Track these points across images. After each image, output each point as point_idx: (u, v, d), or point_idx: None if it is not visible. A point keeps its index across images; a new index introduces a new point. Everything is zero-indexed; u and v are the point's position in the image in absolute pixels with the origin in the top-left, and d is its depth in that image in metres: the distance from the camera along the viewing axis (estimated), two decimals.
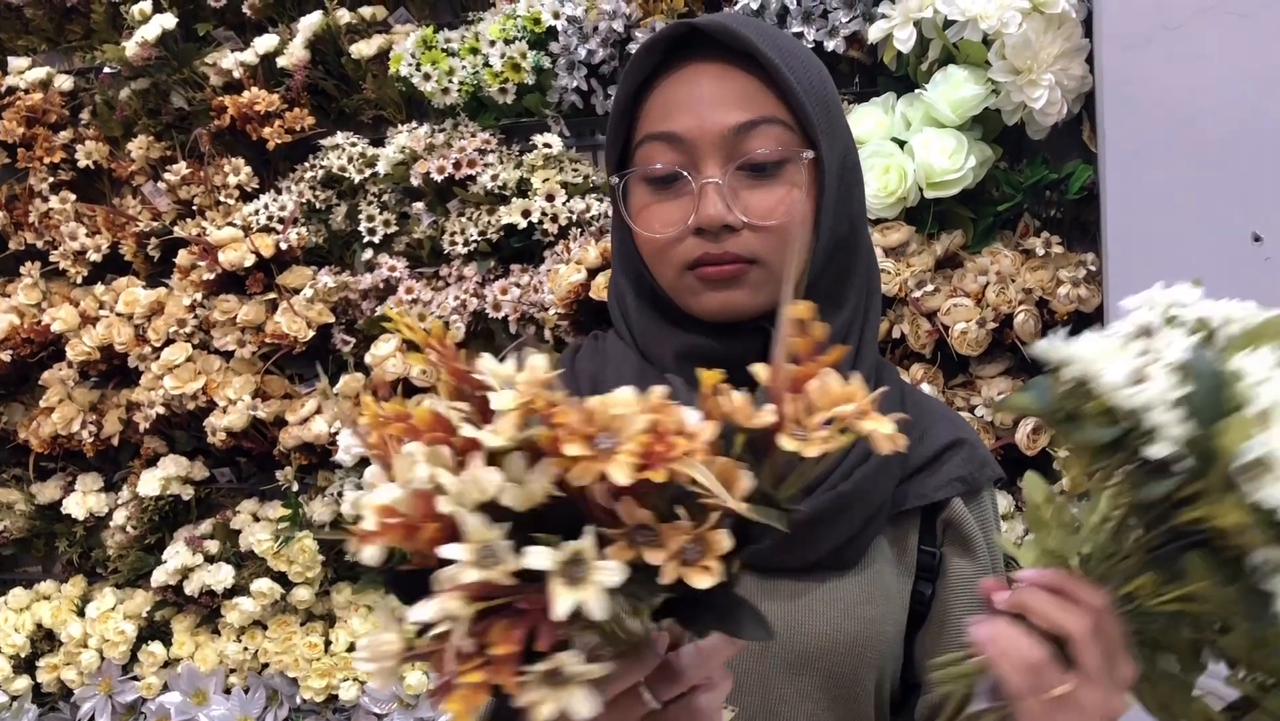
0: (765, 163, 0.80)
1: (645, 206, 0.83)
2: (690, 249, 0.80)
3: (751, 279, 0.80)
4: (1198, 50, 1.41)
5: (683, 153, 0.80)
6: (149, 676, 1.93)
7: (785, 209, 0.80)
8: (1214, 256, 1.42)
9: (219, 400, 1.87)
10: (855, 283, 0.85)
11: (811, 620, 0.80)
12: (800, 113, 0.80)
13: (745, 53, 0.80)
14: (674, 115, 0.81)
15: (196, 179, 1.95)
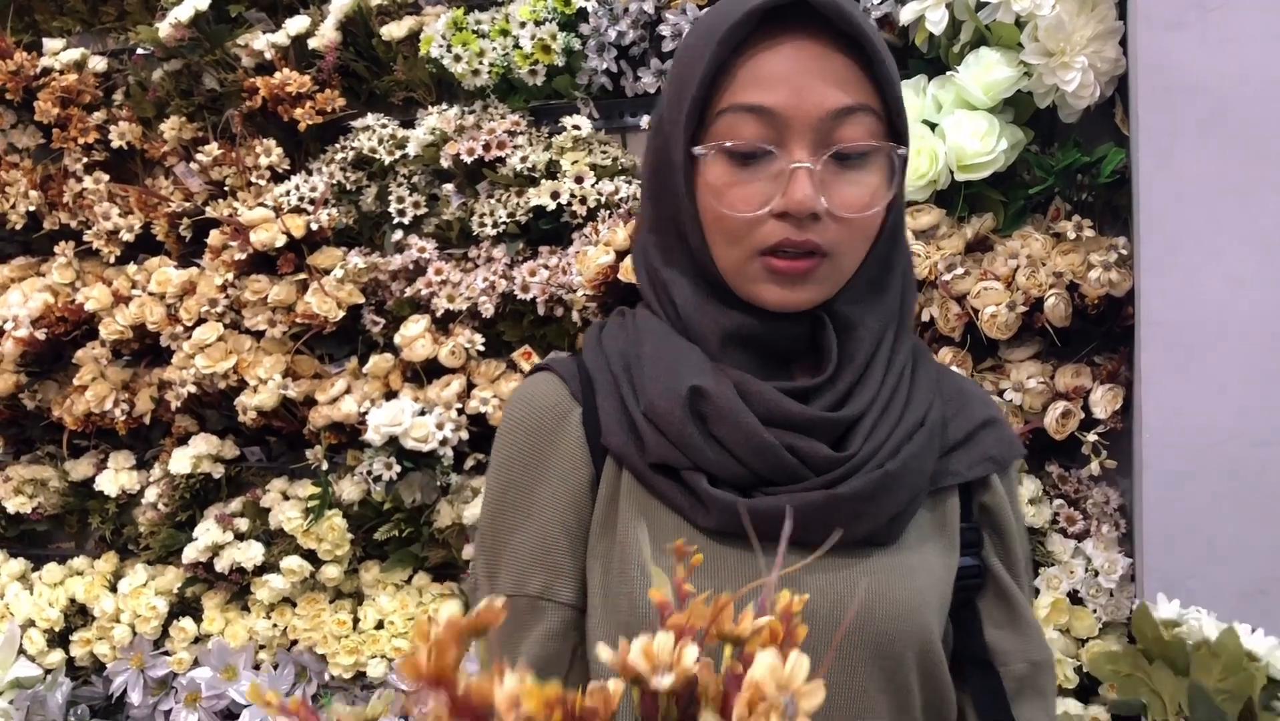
0: (856, 151, 0.78)
1: (723, 181, 0.78)
2: (769, 233, 0.78)
3: (819, 274, 0.79)
4: (1233, 33, 1.40)
5: (773, 128, 0.77)
6: (180, 651, 1.96)
7: (869, 203, 0.79)
8: (1247, 242, 1.41)
9: (250, 379, 1.89)
10: (897, 270, 0.86)
11: (855, 592, 0.80)
12: (894, 105, 0.79)
13: (848, 35, 0.77)
14: (768, 88, 0.76)
15: (228, 160, 1.96)
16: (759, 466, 0.78)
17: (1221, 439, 1.44)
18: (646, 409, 0.80)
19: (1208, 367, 1.44)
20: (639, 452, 0.81)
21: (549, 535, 0.84)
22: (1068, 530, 1.60)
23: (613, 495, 0.83)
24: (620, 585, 0.80)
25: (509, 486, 0.85)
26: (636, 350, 0.84)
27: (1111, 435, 1.56)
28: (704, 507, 0.78)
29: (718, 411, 0.78)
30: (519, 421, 0.86)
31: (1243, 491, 1.43)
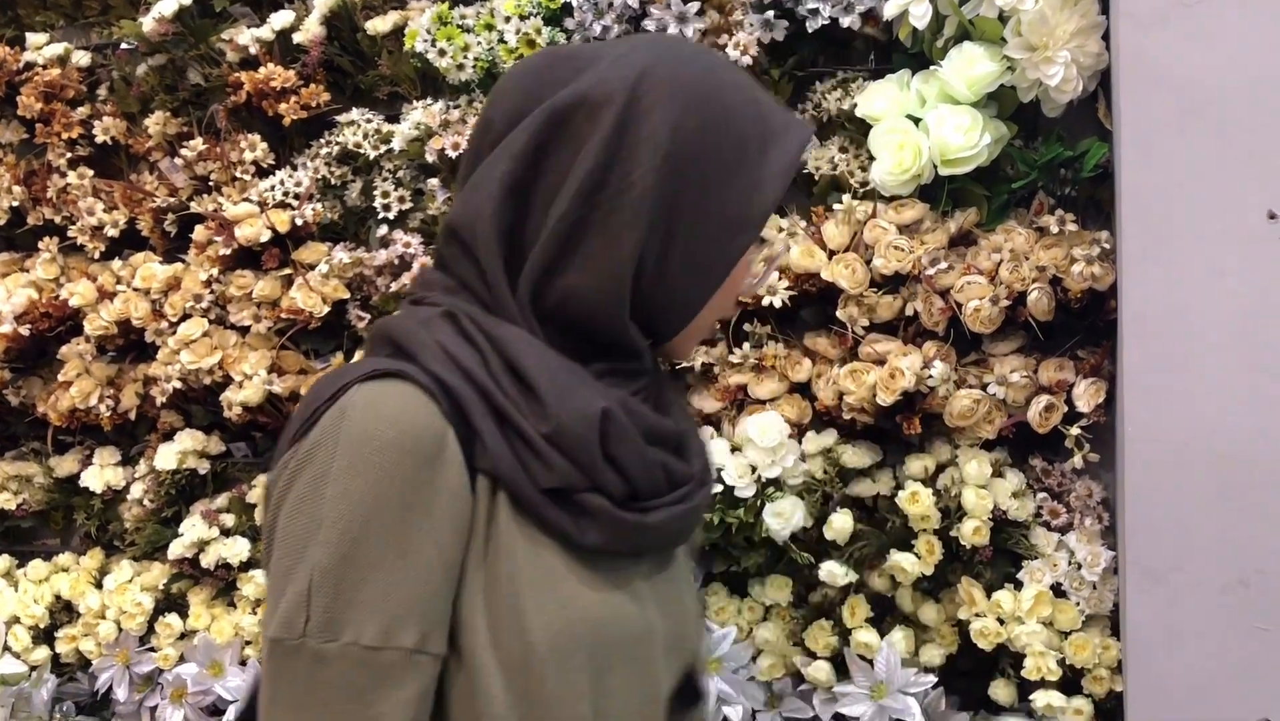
0: None
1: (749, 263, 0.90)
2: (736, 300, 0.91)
3: None
4: (1215, 28, 1.40)
5: None
6: (166, 647, 1.95)
7: None
8: (1229, 235, 1.42)
9: (235, 375, 1.89)
10: None
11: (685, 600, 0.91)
12: None
13: None
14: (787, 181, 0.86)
15: (213, 155, 1.96)
16: (643, 485, 0.81)
17: (1204, 432, 1.45)
18: (553, 432, 0.77)
19: (1190, 361, 1.44)
20: (529, 478, 0.78)
21: (431, 579, 0.75)
22: (1051, 523, 1.61)
23: (487, 523, 0.79)
24: (511, 620, 0.77)
25: (373, 520, 0.73)
26: (505, 364, 0.79)
27: (1094, 429, 1.56)
28: (594, 527, 0.79)
29: (619, 432, 0.80)
30: (391, 444, 0.73)
31: (1225, 484, 1.44)
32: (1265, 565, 1.43)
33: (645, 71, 0.81)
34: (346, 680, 0.72)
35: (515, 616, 0.77)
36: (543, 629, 0.77)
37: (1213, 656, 1.46)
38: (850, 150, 1.66)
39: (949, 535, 1.59)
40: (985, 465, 1.59)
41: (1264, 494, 1.43)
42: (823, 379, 1.65)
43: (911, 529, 1.60)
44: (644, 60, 0.82)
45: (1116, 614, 1.57)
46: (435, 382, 0.77)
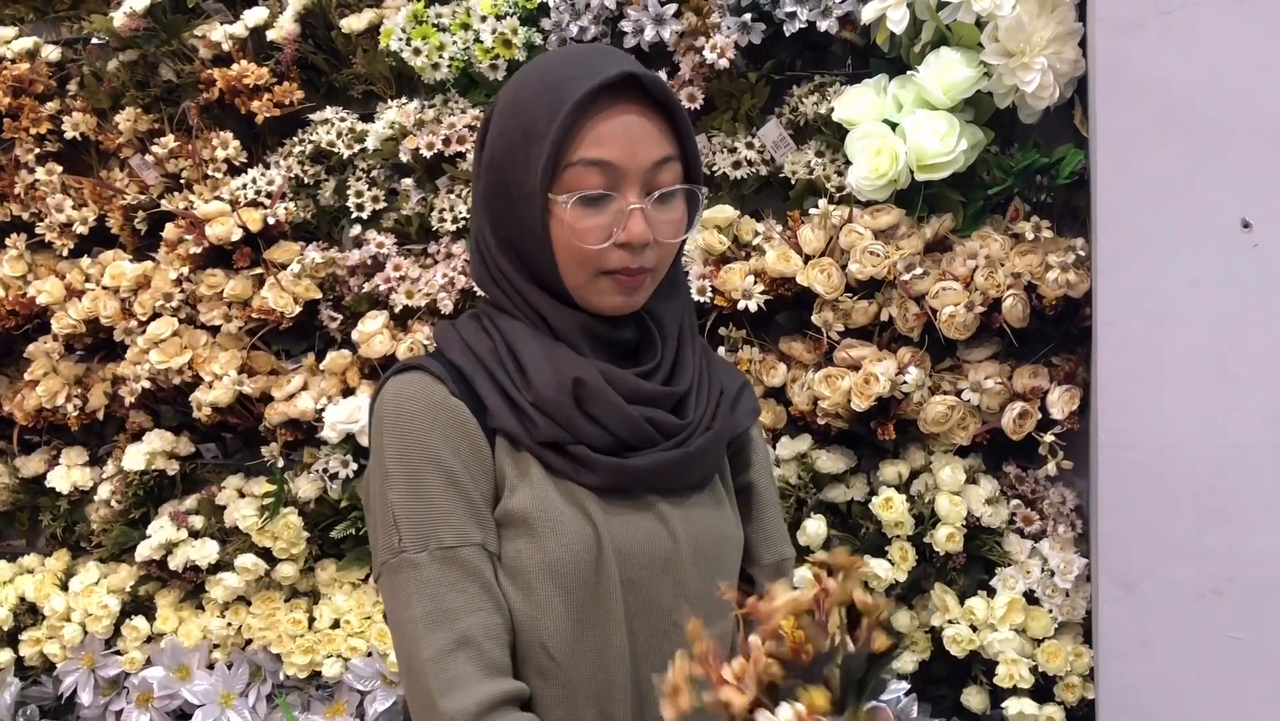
0: (670, 191, 1.01)
1: (577, 220, 0.98)
2: (613, 259, 1.00)
3: (646, 285, 1.03)
4: (1191, 35, 1.40)
5: (611, 177, 0.98)
6: (132, 651, 1.93)
7: (679, 231, 1.03)
8: (1203, 243, 1.42)
9: (205, 375, 1.87)
10: (681, 274, 1.12)
11: (705, 521, 1.06)
12: (692, 154, 1.03)
13: (661, 103, 1.00)
14: (607, 145, 0.97)
15: (184, 152, 1.93)
16: (626, 435, 1.00)
17: (1177, 440, 1.45)
18: (535, 399, 0.99)
19: (1164, 369, 1.44)
20: (527, 433, 1.00)
21: (474, 498, 0.99)
22: (1024, 530, 1.60)
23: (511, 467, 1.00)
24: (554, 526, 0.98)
25: (421, 465, 0.97)
26: (509, 349, 1.02)
27: (1068, 435, 1.56)
28: (590, 471, 1.00)
29: (593, 395, 0.99)
30: (411, 412, 0.99)
31: (1197, 493, 1.44)
32: (1236, 573, 1.43)
33: (492, 105, 1.04)
34: (441, 575, 0.95)
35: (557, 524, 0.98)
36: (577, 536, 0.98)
37: (1184, 664, 1.46)
38: (827, 155, 1.65)
39: (922, 541, 1.58)
40: (959, 471, 1.59)
41: (1236, 502, 1.43)
42: (797, 383, 1.64)
43: (885, 535, 1.59)
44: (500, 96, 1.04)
45: (1089, 621, 1.57)
46: (449, 368, 1.02)
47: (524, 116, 0.99)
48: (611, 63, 0.99)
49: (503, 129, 1.01)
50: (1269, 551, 1.42)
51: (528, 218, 1.00)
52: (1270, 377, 1.41)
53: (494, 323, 1.04)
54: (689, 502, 1.05)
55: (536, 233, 1.00)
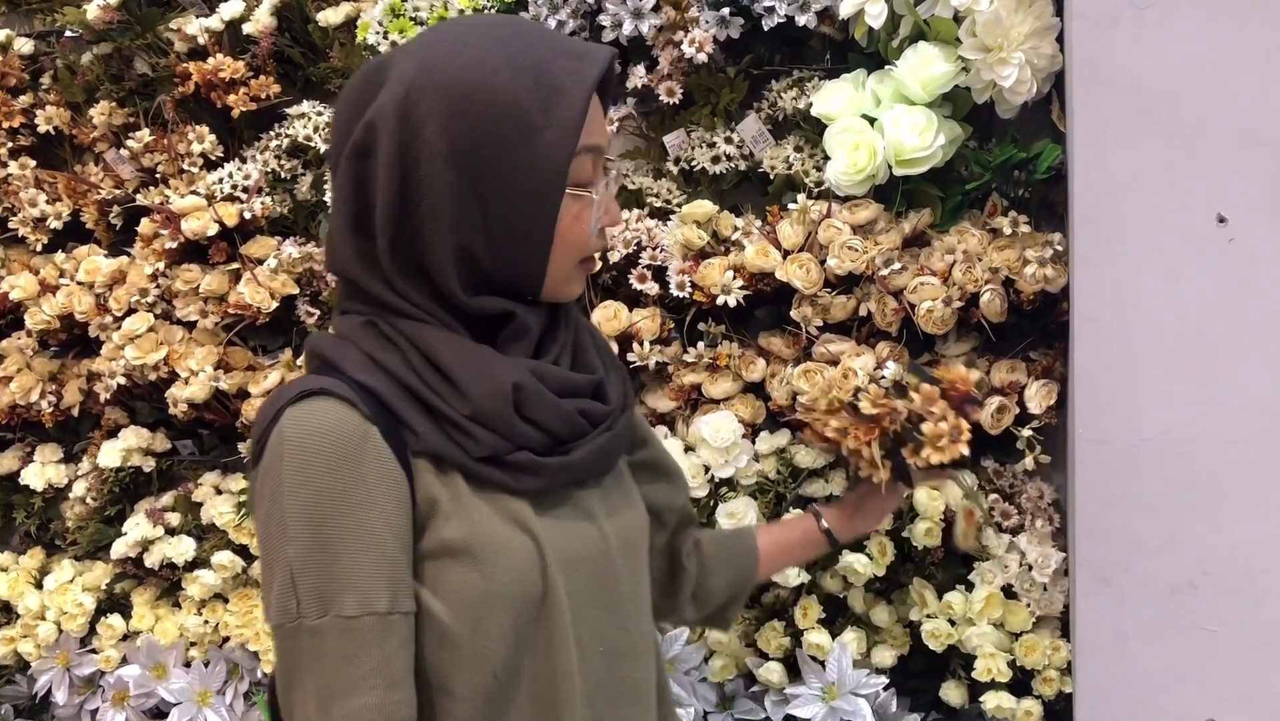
0: None
1: (583, 210, 0.95)
2: (594, 245, 0.98)
3: None
4: (1167, 30, 1.41)
5: (598, 162, 0.96)
6: (108, 649, 1.91)
7: None
8: (1179, 237, 1.42)
9: (181, 371, 1.85)
10: None
11: (623, 512, 1.04)
12: None
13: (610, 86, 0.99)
14: (597, 129, 0.95)
15: (160, 146, 1.92)
16: (563, 432, 0.96)
17: (1154, 434, 1.45)
18: (474, 412, 0.91)
19: (1141, 364, 1.45)
20: (463, 451, 0.92)
21: (387, 551, 0.88)
22: (1002, 525, 1.61)
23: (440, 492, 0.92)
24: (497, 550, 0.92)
25: (327, 514, 0.86)
26: (426, 359, 0.92)
27: (1046, 430, 1.57)
28: (533, 475, 0.94)
29: (530, 398, 0.93)
30: (316, 451, 0.87)
31: (1174, 487, 1.45)
32: (1212, 566, 1.44)
33: (411, 87, 0.90)
34: (338, 646, 0.86)
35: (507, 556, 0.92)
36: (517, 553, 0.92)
37: (1161, 657, 1.47)
38: (805, 150, 1.65)
39: (901, 536, 1.58)
40: None
41: (1211, 496, 1.44)
42: (776, 378, 1.64)
43: None
44: (410, 75, 0.90)
45: (1066, 615, 1.58)
46: (358, 390, 0.90)
47: (506, 106, 0.89)
48: (576, 43, 0.95)
49: (472, 122, 0.89)
50: (1243, 544, 1.43)
51: (529, 217, 0.92)
52: (1245, 372, 1.42)
53: (398, 330, 0.93)
54: (606, 492, 1.03)
55: (538, 232, 0.93)
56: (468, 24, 0.96)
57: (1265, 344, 1.41)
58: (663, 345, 1.68)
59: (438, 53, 0.91)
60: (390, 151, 0.89)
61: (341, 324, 0.97)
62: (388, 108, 0.90)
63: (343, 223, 0.94)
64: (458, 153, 0.89)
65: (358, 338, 0.94)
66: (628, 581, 1.02)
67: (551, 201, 0.92)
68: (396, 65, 0.92)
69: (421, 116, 0.89)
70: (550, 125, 0.90)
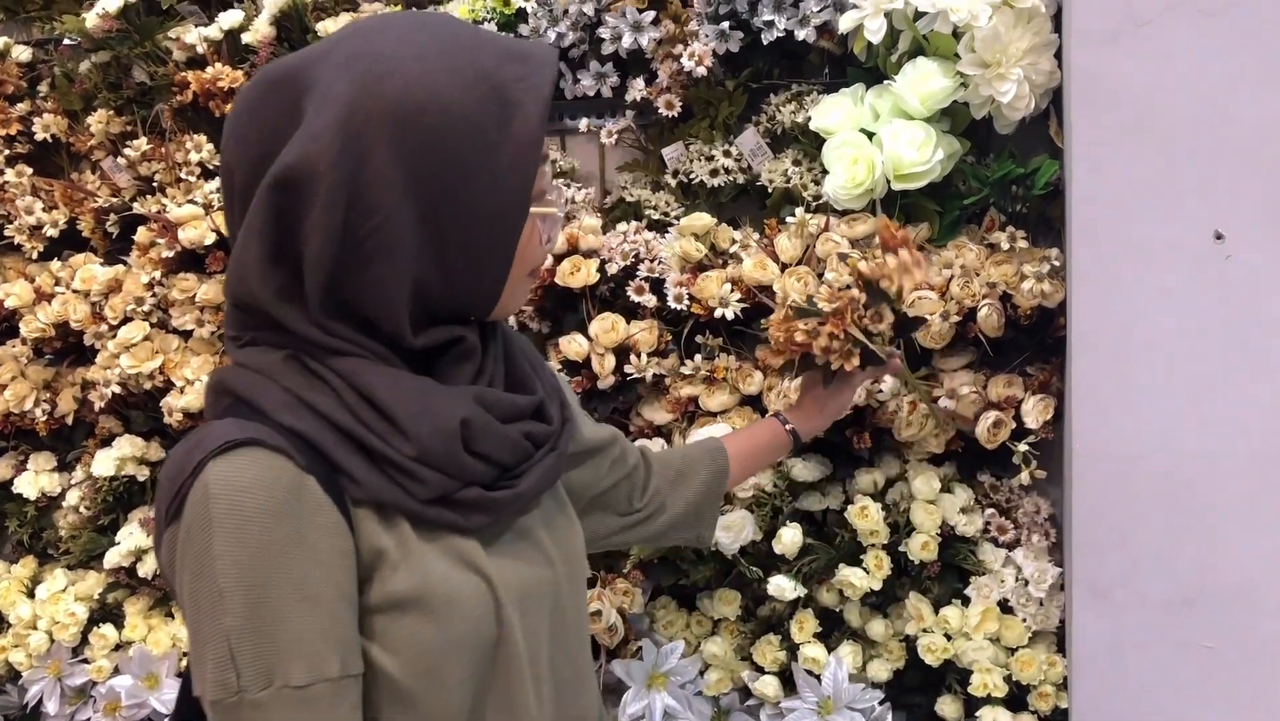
0: None
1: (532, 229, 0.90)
2: (544, 255, 0.94)
3: None
4: (1165, 48, 1.42)
5: (543, 173, 0.89)
6: (99, 659, 1.90)
7: None
8: (1176, 254, 1.43)
9: (176, 380, 1.85)
10: None
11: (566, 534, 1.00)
12: None
13: None
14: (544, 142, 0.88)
15: (157, 155, 1.91)
16: (510, 460, 0.90)
17: (1150, 450, 1.45)
18: (422, 454, 0.84)
19: (1137, 379, 1.45)
20: (409, 496, 0.85)
21: (335, 612, 0.82)
22: (999, 539, 1.61)
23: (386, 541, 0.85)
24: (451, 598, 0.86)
25: (267, 579, 0.78)
26: (361, 397, 0.84)
27: (1042, 445, 1.57)
28: (483, 512, 0.88)
29: (479, 432, 0.87)
30: (250, 509, 0.78)
31: (1170, 503, 1.45)
32: (1209, 582, 1.44)
33: (352, 108, 0.80)
34: (287, 718, 0.79)
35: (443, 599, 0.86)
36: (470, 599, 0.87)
37: (1157, 673, 1.47)
38: (804, 163, 1.65)
39: (898, 550, 1.58)
40: (934, 480, 1.59)
41: (1208, 512, 1.44)
42: (774, 391, 1.64)
43: (860, 543, 1.59)
44: (348, 93, 0.80)
45: (1062, 630, 1.58)
46: (287, 435, 0.82)
47: (462, 124, 0.81)
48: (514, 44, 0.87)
49: (427, 145, 0.81)
50: (1240, 560, 1.43)
51: (491, 240, 0.86)
52: (1242, 388, 1.42)
53: (327, 365, 0.84)
54: (547, 513, 0.99)
55: (500, 254, 0.87)
56: (393, 27, 0.85)
57: (1262, 360, 1.41)
58: (660, 357, 1.68)
59: (374, 66, 0.81)
60: (331, 183, 0.79)
61: (249, 357, 0.87)
62: (324, 134, 0.79)
63: (259, 255, 0.83)
64: (414, 180, 0.81)
65: (278, 374, 0.85)
66: (573, 610, 0.99)
67: (516, 221, 0.86)
68: (320, 79, 0.81)
69: (368, 143, 0.79)
70: (508, 141, 0.83)
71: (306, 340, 0.85)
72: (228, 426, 0.82)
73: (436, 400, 0.85)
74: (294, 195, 0.81)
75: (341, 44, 0.84)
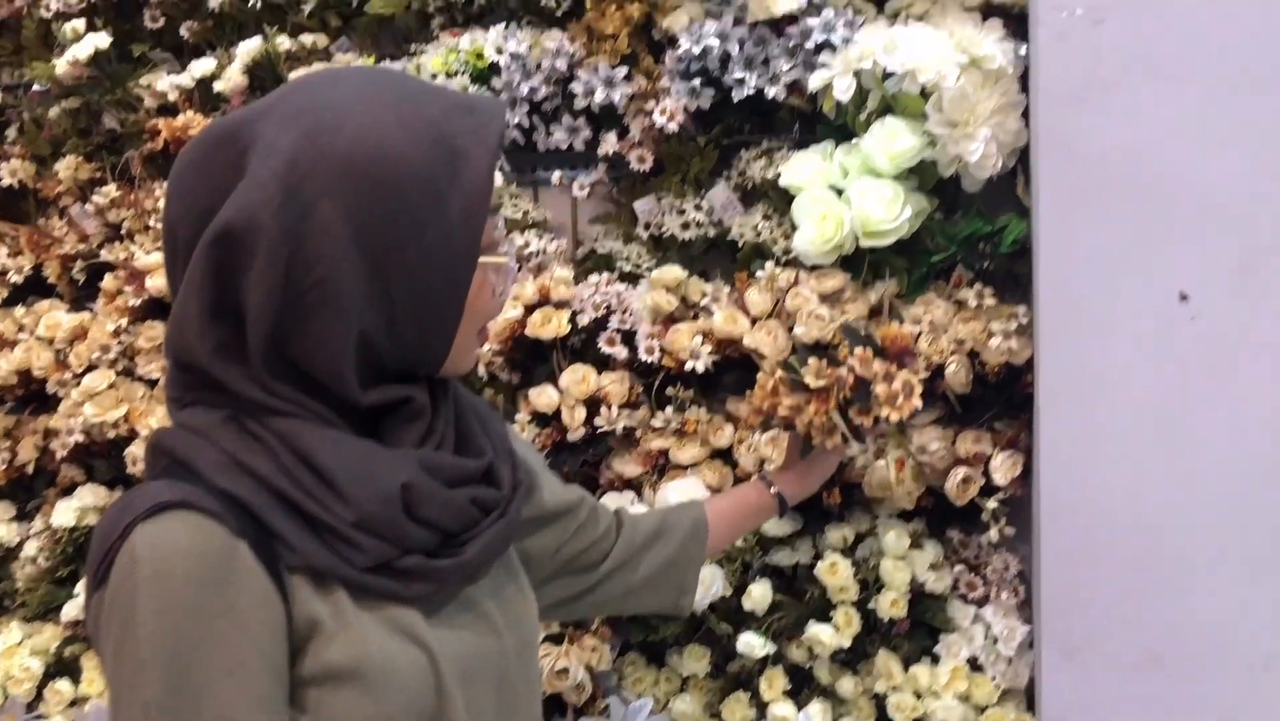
0: None
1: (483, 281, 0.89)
2: (495, 310, 0.92)
3: None
4: (1130, 109, 1.43)
5: (494, 224, 0.91)
6: (55, 715, 1.86)
7: None
8: (1142, 313, 1.44)
9: (141, 429, 1.82)
10: None
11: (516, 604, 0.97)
12: None
13: None
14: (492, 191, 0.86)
15: (126, 202, 1.91)
16: (455, 527, 0.87)
17: (1117, 508, 1.46)
18: (361, 520, 0.81)
19: (1105, 437, 1.46)
20: (346, 563, 0.82)
21: (260, 685, 0.78)
22: (968, 596, 1.60)
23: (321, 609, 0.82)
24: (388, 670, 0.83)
25: (190, 650, 0.75)
26: (300, 460, 0.82)
27: (1011, 501, 1.57)
28: (423, 581, 0.85)
29: (421, 498, 0.84)
30: (185, 578, 0.76)
31: (1137, 561, 1.45)
32: (1176, 642, 1.44)
33: (296, 159, 0.79)
34: None
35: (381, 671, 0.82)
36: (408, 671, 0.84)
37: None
38: (774, 218, 1.66)
39: (867, 607, 1.57)
40: (904, 536, 1.59)
41: (1175, 570, 1.44)
42: (744, 445, 1.64)
43: (830, 600, 1.58)
44: (292, 145, 0.79)
45: (1032, 688, 1.57)
46: (221, 498, 0.79)
47: (411, 175, 0.80)
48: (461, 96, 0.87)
49: (375, 196, 0.79)
50: (1207, 620, 1.43)
51: (441, 293, 0.84)
52: (1208, 447, 1.43)
53: (266, 427, 0.82)
54: (496, 582, 0.95)
55: (448, 309, 0.85)
56: (339, 80, 0.86)
57: (1226, 420, 1.42)
58: (631, 409, 1.68)
59: (319, 118, 0.80)
60: (274, 234, 0.78)
61: (189, 418, 0.85)
62: (268, 185, 0.78)
63: (197, 311, 0.81)
64: (359, 230, 0.80)
65: (216, 435, 0.82)
66: (523, 684, 0.96)
67: (465, 273, 0.85)
68: (264, 133, 0.80)
69: (313, 194, 0.78)
70: (457, 192, 0.82)
71: (247, 400, 0.83)
72: (160, 488, 0.80)
73: (378, 464, 0.84)
74: (236, 249, 0.80)
75: (287, 97, 0.84)
